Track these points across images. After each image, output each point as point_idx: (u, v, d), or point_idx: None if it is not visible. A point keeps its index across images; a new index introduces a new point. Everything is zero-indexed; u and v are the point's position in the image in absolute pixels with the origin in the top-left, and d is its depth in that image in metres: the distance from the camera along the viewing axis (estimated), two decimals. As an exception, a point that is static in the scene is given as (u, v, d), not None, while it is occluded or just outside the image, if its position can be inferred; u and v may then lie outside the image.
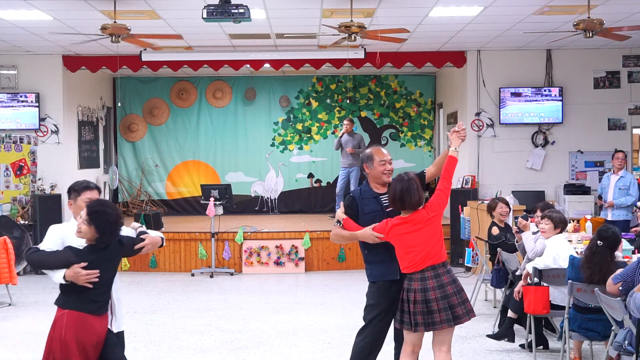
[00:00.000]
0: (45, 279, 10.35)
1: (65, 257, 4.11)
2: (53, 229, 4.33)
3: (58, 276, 4.10)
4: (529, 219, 7.14)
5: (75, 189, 4.48)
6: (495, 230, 7.77)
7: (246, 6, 7.18)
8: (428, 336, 4.73)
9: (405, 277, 4.67)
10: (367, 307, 4.95)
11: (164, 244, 4.59)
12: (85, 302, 4.13)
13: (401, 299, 4.69)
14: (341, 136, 12.59)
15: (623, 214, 9.74)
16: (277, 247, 11.04)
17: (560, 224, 6.31)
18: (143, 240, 4.35)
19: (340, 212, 4.92)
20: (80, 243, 4.16)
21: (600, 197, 10.26)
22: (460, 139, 4.84)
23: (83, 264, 4.08)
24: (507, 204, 7.97)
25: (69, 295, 4.14)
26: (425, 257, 4.60)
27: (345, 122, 12.71)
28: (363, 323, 4.95)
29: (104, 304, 4.23)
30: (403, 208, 4.66)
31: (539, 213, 6.96)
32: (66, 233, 4.25)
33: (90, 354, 4.12)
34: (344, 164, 12.48)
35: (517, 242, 7.16)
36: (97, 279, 4.10)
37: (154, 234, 4.46)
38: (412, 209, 4.65)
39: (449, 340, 4.70)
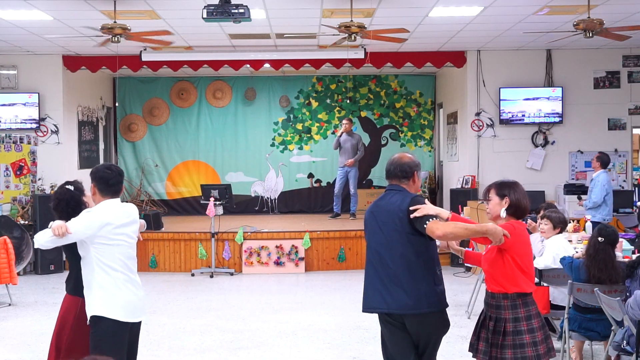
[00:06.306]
0: (45, 279, 10.31)
1: None
2: None
3: None
4: (537, 220, 7.11)
5: None
6: None
7: (246, 6, 7.18)
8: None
9: (489, 295, 4.03)
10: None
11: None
12: None
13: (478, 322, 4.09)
14: (340, 135, 12.64)
15: (594, 216, 9.28)
16: (277, 247, 11.03)
17: (559, 224, 6.31)
18: None
19: (436, 208, 4.21)
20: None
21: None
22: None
23: None
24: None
25: None
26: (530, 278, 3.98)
27: (344, 121, 12.76)
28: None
29: None
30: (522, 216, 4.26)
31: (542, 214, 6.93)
32: None
33: None
34: (342, 163, 12.51)
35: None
36: None
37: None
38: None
39: None
